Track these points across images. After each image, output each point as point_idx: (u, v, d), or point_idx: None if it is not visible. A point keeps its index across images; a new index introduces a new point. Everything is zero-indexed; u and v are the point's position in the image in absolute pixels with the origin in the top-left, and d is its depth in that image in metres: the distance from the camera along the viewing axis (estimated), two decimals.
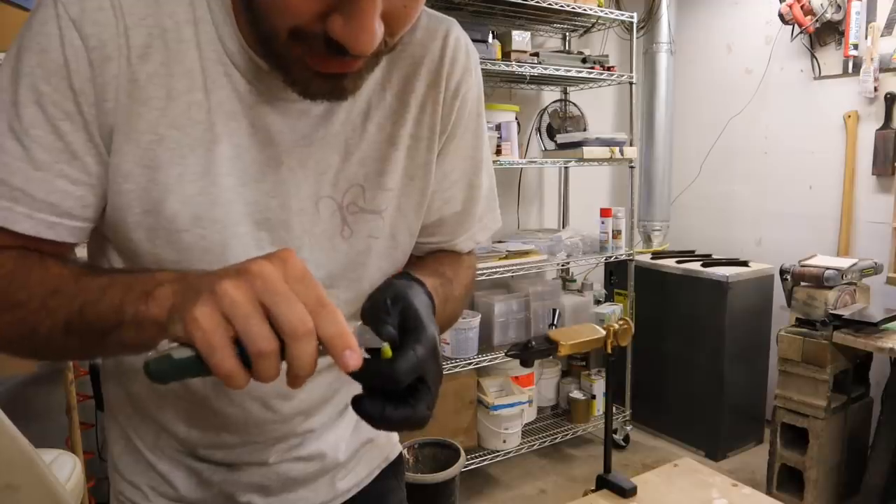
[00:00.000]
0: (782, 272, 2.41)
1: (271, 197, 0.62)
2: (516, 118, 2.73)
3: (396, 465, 0.89)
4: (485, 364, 2.59)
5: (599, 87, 3.17)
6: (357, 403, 0.49)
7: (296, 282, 0.42)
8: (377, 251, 0.69)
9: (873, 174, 2.77)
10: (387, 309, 0.51)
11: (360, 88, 0.58)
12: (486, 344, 2.67)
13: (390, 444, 0.88)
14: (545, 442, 2.83)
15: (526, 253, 2.65)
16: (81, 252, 0.64)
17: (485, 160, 0.77)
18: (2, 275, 0.54)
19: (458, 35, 0.71)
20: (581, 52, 2.89)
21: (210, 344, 0.41)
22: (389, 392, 0.49)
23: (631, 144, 2.94)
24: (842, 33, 2.77)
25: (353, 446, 0.81)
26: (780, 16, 2.90)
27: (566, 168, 3.31)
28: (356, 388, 0.49)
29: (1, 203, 0.54)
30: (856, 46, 2.72)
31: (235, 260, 0.55)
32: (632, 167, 2.98)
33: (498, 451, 2.68)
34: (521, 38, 2.60)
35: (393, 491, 0.87)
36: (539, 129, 3.15)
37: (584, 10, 2.69)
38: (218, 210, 0.59)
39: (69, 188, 0.56)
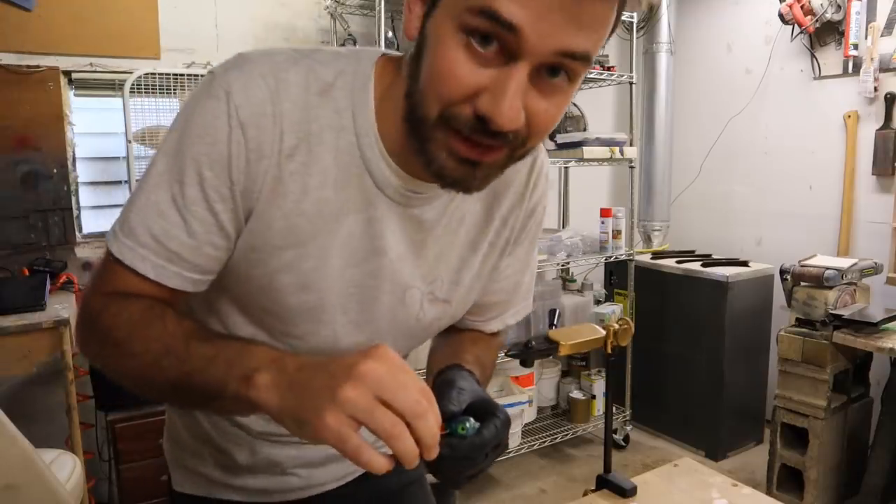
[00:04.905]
0: (782, 272, 2.41)
1: (369, 279, 0.70)
2: None
3: None
4: None
5: (599, 87, 3.17)
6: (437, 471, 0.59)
7: (400, 373, 0.51)
8: (435, 329, 0.81)
9: (873, 174, 2.77)
10: (452, 395, 0.63)
11: (486, 188, 0.63)
12: None
13: None
14: (545, 442, 2.83)
15: None
16: None
17: (533, 260, 0.88)
18: (127, 321, 0.62)
19: (543, 160, 0.81)
20: None
21: (349, 445, 0.49)
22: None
23: (631, 144, 2.93)
24: (842, 33, 2.77)
25: None
26: (780, 16, 2.90)
27: (566, 168, 3.31)
28: None
29: (158, 261, 0.63)
30: (856, 46, 2.72)
31: (323, 319, 0.70)
32: (632, 167, 2.97)
33: None
34: None
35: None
36: None
37: None
38: (322, 283, 0.68)
39: (214, 253, 0.65)
